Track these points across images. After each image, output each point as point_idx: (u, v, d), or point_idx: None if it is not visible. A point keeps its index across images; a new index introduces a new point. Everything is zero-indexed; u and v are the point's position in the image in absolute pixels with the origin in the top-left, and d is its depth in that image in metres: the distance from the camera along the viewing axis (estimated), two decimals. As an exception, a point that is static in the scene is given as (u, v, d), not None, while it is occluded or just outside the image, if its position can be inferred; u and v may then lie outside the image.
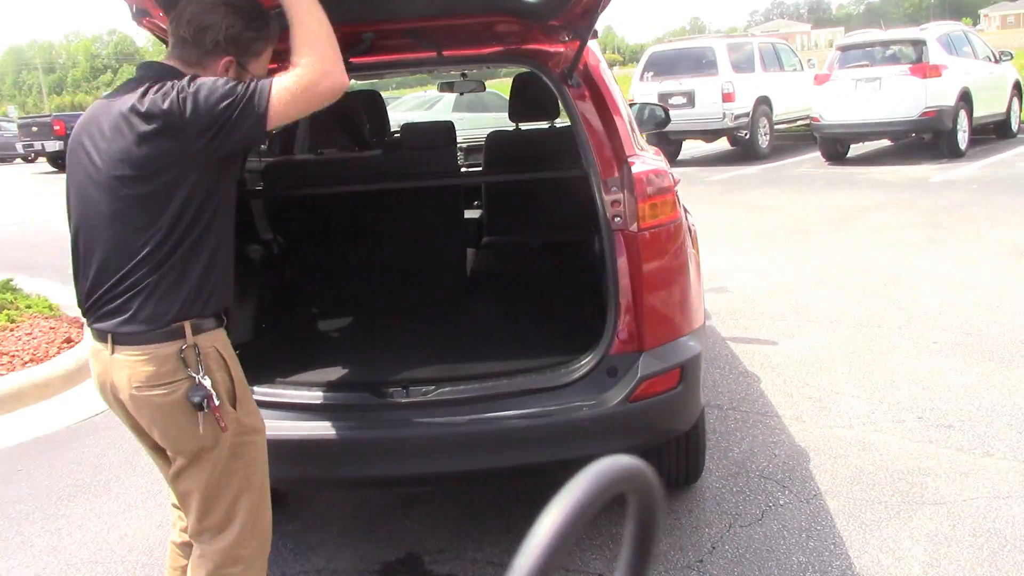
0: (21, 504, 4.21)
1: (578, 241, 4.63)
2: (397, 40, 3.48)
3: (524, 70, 4.33)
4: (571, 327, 3.74)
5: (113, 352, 2.31)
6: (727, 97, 15.20)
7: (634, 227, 3.15)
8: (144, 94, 2.25)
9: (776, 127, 16.75)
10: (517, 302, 4.19)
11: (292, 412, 3.11)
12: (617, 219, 3.20)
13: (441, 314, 4.04)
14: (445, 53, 3.48)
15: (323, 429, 3.07)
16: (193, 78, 2.27)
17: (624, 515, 0.83)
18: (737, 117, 15.42)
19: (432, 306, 4.10)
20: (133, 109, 2.25)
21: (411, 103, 17.68)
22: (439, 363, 3.40)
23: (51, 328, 6.43)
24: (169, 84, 2.26)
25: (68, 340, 6.23)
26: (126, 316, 2.27)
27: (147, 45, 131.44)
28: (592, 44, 3.47)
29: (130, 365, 2.28)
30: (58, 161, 26.04)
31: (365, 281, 4.08)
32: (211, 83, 2.24)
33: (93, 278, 2.34)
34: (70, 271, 2.45)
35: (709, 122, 15.36)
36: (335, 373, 3.34)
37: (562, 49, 3.53)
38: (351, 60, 3.47)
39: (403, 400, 3.13)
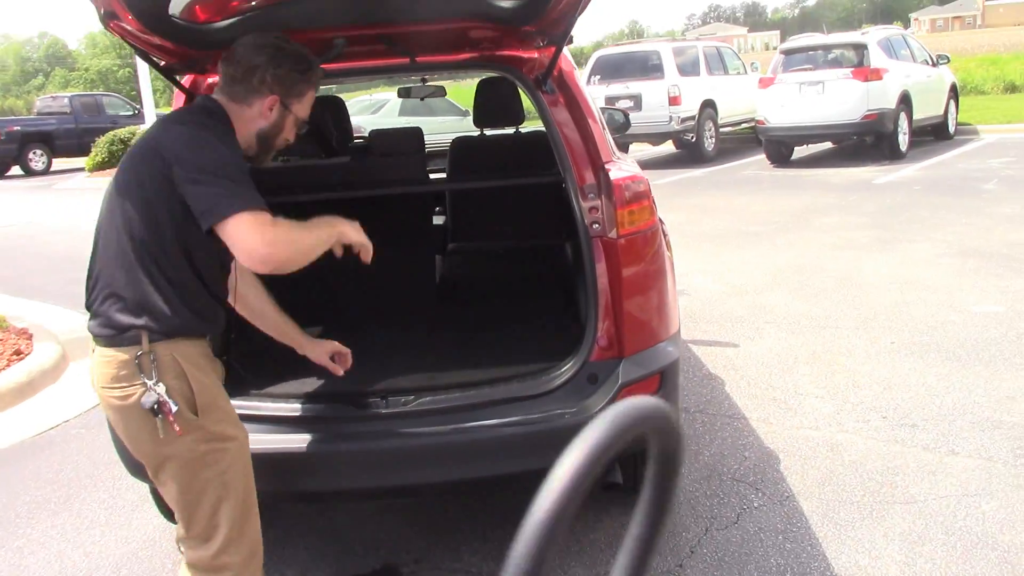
0: (-22, 523, 4.08)
1: (545, 246, 4.63)
2: (370, 46, 3.44)
3: (490, 75, 4.31)
4: (546, 333, 3.73)
5: (93, 351, 2.44)
6: (673, 100, 15.34)
7: (613, 234, 3.15)
8: (176, 115, 2.48)
9: (721, 130, 16.94)
10: (489, 309, 4.16)
11: (268, 425, 3.06)
12: (595, 226, 3.20)
13: (413, 322, 4.01)
14: (418, 59, 3.45)
15: (301, 442, 3.02)
16: (224, 134, 2.45)
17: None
18: (683, 120, 15.57)
19: (403, 314, 4.06)
20: (158, 123, 2.50)
21: (356, 107, 17.57)
22: (417, 372, 3.37)
23: (-1, 340, 6.26)
24: (203, 116, 2.48)
25: (18, 352, 6.06)
26: (100, 318, 2.41)
27: (80, 48, 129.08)
28: (564, 50, 3.47)
29: (99, 365, 2.41)
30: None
31: (335, 290, 4.02)
32: (222, 152, 2.37)
33: (88, 278, 2.48)
34: (14, 283, 2.54)
35: (656, 125, 15.48)
36: (311, 384, 3.29)
37: (536, 55, 3.52)
38: (322, 66, 3.43)
39: (383, 411, 3.09)
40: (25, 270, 10.38)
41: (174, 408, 2.32)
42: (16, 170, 25.23)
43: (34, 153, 25.31)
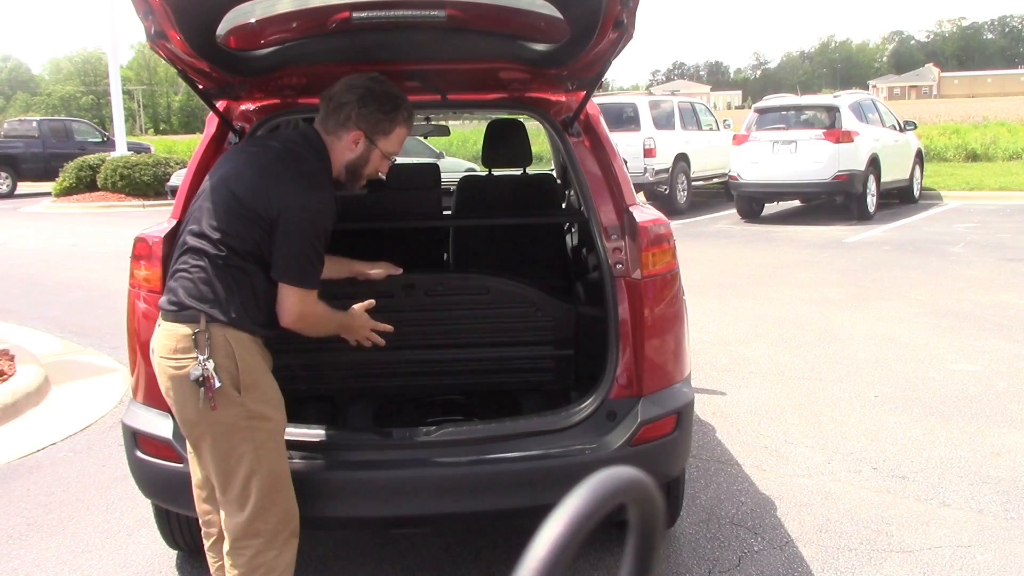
0: (-31, 543, 4.01)
1: (547, 287, 4.68)
2: (403, 82, 3.50)
3: (505, 116, 4.40)
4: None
5: (159, 324, 2.74)
6: (648, 152, 15.57)
7: (637, 274, 3.22)
8: (291, 153, 2.81)
9: (693, 184, 17.19)
10: None
11: (290, 450, 3.05)
12: (619, 266, 3.27)
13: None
14: (450, 97, 3.51)
15: (323, 468, 3.04)
16: (324, 173, 2.82)
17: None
18: (657, 172, 15.80)
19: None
20: (273, 153, 2.81)
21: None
22: (436, 403, 3.39)
23: (-20, 360, 6.17)
24: (312, 156, 2.81)
25: (0, 373, 5.97)
26: (169, 294, 2.71)
27: (43, 73, 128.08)
28: None
29: (162, 337, 2.71)
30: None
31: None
32: (317, 218, 2.71)
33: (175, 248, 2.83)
34: None
35: (631, 176, 15.60)
36: (333, 411, 3.30)
37: (564, 98, 3.60)
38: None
39: (405, 440, 3.11)
40: (-3, 292, 10.26)
41: (217, 384, 2.58)
42: (-21, 193, 24.89)
43: (-1, 175, 25.03)
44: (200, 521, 2.97)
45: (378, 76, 2.92)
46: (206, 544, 2.98)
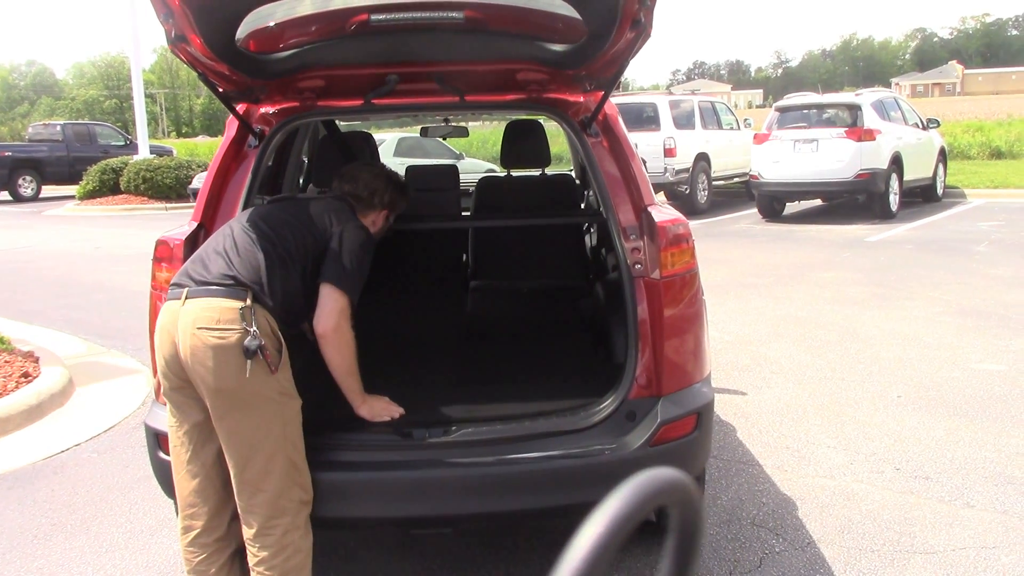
0: (-5, 543, 4.05)
1: (568, 287, 4.68)
2: (421, 84, 3.51)
3: (524, 117, 4.40)
4: (577, 371, 3.77)
5: (184, 303, 2.80)
6: (669, 152, 15.54)
7: (656, 275, 3.21)
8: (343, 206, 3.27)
9: (713, 183, 17.13)
10: (518, 345, 4.20)
11: (310, 452, 3.07)
12: (638, 266, 3.26)
13: (446, 353, 4.04)
14: (467, 98, 3.52)
15: (343, 469, 3.04)
16: (360, 226, 3.19)
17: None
18: (678, 172, 15.77)
19: (436, 346, 4.09)
20: (332, 198, 3.32)
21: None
22: (459, 403, 3.40)
23: (6, 362, 6.22)
24: (347, 212, 3.21)
25: (26, 375, 6.02)
26: (216, 276, 2.84)
27: (67, 78, 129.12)
28: None
29: (200, 311, 2.77)
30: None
31: (368, 321, 4.07)
32: (363, 241, 3.11)
33: (201, 257, 2.96)
34: (13, 307, 2.62)
35: (650, 176, 15.58)
36: (352, 411, 3.30)
37: (582, 99, 3.60)
38: (373, 101, 3.51)
39: (425, 440, 3.11)
40: (23, 295, 10.34)
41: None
42: (4, 195, 25.14)
43: (24, 179, 25.28)
44: (181, 515, 2.97)
45: (385, 166, 3.57)
46: (185, 540, 2.96)
